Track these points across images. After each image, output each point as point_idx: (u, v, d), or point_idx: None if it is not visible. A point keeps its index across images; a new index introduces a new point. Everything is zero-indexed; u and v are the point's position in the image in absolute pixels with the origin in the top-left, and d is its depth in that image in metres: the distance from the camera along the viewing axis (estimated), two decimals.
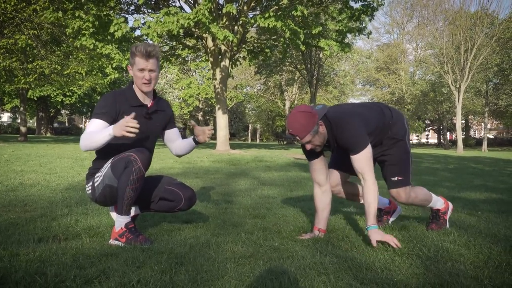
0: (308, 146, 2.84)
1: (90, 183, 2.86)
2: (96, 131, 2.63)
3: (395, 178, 3.04)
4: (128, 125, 2.42)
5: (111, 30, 13.86)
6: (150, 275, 2.04)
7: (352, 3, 16.67)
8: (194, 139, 3.03)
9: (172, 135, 3.12)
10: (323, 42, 15.60)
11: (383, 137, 3.04)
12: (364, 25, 16.83)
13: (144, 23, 14.90)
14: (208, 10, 13.40)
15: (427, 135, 73.39)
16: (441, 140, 56.38)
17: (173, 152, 3.17)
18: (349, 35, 18.08)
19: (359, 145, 2.81)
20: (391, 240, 2.63)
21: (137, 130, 2.45)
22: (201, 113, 53.71)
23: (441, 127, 54.39)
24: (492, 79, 40.60)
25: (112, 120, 2.73)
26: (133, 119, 2.45)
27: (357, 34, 17.06)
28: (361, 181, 2.87)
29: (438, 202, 3.29)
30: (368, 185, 2.81)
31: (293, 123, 2.76)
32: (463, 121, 52.93)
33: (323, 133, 2.85)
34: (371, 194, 2.79)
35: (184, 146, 3.10)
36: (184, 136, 3.26)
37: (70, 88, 30.14)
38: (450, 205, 3.38)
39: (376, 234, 2.67)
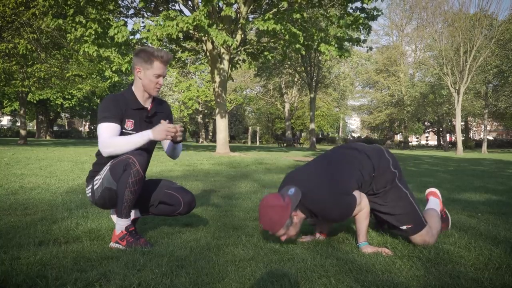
0: (283, 238, 2.64)
1: (90, 186, 2.87)
2: (115, 135, 2.70)
3: (405, 227, 2.81)
4: (170, 130, 2.65)
5: (111, 33, 13.88)
6: (151, 278, 2.05)
7: (350, 10, 16.71)
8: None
9: None
10: (323, 46, 15.60)
11: (367, 189, 2.82)
12: (364, 37, 16.83)
13: (144, 27, 14.93)
14: (206, 14, 13.41)
15: (427, 137, 73.56)
16: (441, 142, 56.44)
17: (167, 150, 3.16)
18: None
19: (348, 213, 2.66)
20: (383, 250, 2.63)
21: (180, 130, 2.70)
22: (201, 115, 53.77)
23: (441, 129, 54.44)
24: (491, 81, 40.59)
25: (120, 122, 2.75)
26: (173, 126, 2.68)
27: (355, 44, 17.10)
28: None
29: (437, 207, 3.24)
30: (360, 208, 2.75)
31: (264, 219, 2.59)
32: (463, 123, 53.03)
33: (298, 222, 2.67)
34: (362, 213, 2.74)
35: (167, 147, 3.09)
36: (184, 138, 3.26)
37: (70, 91, 30.24)
38: (438, 194, 3.34)
39: (368, 249, 2.67)
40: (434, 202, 3.28)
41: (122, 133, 2.77)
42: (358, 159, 2.82)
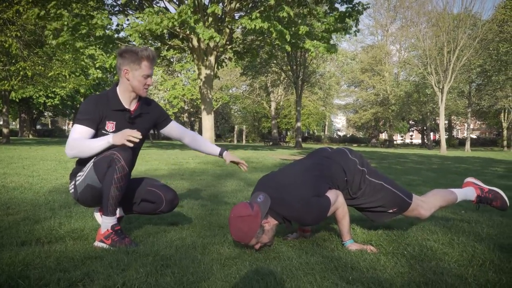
0: (257, 246, 2.58)
1: (73, 183, 2.83)
2: (85, 139, 2.67)
3: (391, 211, 2.90)
4: (131, 135, 2.53)
5: (94, 21, 13.75)
6: (135, 278, 2.03)
7: (337, 5, 16.76)
8: (221, 153, 3.11)
9: (172, 130, 3.16)
10: (309, 43, 15.62)
11: (344, 195, 2.82)
12: (349, 25, 16.77)
13: (128, 24, 14.83)
14: (191, 10, 13.35)
15: (411, 136, 74.17)
16: (425, 140, 56.99)
17: (190, 146, 3.22)
18: (334, 37, 18.13)
19: (322, 215, 2.63)
20: (368, 248, 2.65)
21: (137, 140, 2.56)
22: (186, 114, 53.59)
23: (425, 128, 54.98)
24: (474, 80, 41.10)
25: (96, 126, 2.73)
26: (138, 133, 2.57)
27: (343, 33, 17.08)
28: None
29: (468, 193, 3.15)
30: (335, 207, 2.73)
31: (234, 230, 2.54)
32: (446, 122, 53.60)
33: (270, 229, 2.61)
34: (339, 212, 2.72)
35: (205, 148, 3.19)
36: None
37: (53, 90, 29.86)
38: (473, 182, 3.25)
39: (353, 246, 2.67)
40: (467, 190, 3.18)
41: (103, 135, 2.74)
42: (328, 165, 2.82)
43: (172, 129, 3.14)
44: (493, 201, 3.11)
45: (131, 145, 2.55)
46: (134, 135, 2.53)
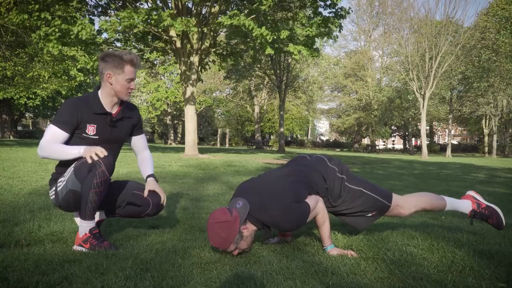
0: (235, 252, 2.57)
1: (53, 189, 2.79)
2: (58, 142, 2.67)
3: (370, 214, 2.92)
4: (97, 153, 2.56)
5: (75, 30, 13.60)
6: (114, 282, 2.01)
7: (320, 9, 16.85)
8: (148, 177, 3.03)
9: (138, 142, 3.10)
10: (292, 47, 15.67)
11: (323, 198, 2.83)
12: (332, 30, 16.89)
13: (110, 25, 14.75)
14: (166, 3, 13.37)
15: (393, 141, 74.86)
16: (407, 146, 57.54)
17: (137, 163, 3.17)
18: (317, 41, 18.22)
19: (301, 221, 2.63)
20: (349, 253, 2.66)
21: (101, 156, 2.58)
22: (169, 117, 53.31)
23: (407, 133, 55.53)
24: (456, 87, 41.68)
25: (72, 130, 2.71)
26: (105, 151, 2.60)
27: (325, 38, 17.17)
28: None
29: (463, 205, 3.13)
30: (315, 213, 2.73)
31: (212, 236, 2.52)
32: (428, 127, 54.23)
33: (249, 234, 2.60)
34: (319, 218, 2.72)
35: (141, 167, 3.12)
36: (152, 140, 3.23)
37: (33, 91, 29.51)
38: (475, 196, 3.20)
39: (333, 251, 2.68)
40: (461, 202, 3.16)
41: (83, 138, 2.73)
42: (308, 172, 2.84)
43: (138, 140, 3.11)
44: (489, 218, 3.10)
45: (95, 158, 2.56)
46: (98, 152, 2.56)
